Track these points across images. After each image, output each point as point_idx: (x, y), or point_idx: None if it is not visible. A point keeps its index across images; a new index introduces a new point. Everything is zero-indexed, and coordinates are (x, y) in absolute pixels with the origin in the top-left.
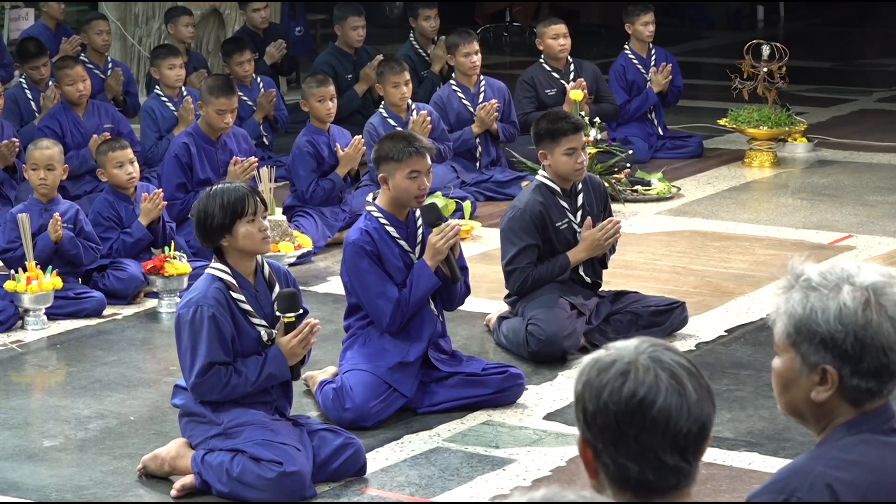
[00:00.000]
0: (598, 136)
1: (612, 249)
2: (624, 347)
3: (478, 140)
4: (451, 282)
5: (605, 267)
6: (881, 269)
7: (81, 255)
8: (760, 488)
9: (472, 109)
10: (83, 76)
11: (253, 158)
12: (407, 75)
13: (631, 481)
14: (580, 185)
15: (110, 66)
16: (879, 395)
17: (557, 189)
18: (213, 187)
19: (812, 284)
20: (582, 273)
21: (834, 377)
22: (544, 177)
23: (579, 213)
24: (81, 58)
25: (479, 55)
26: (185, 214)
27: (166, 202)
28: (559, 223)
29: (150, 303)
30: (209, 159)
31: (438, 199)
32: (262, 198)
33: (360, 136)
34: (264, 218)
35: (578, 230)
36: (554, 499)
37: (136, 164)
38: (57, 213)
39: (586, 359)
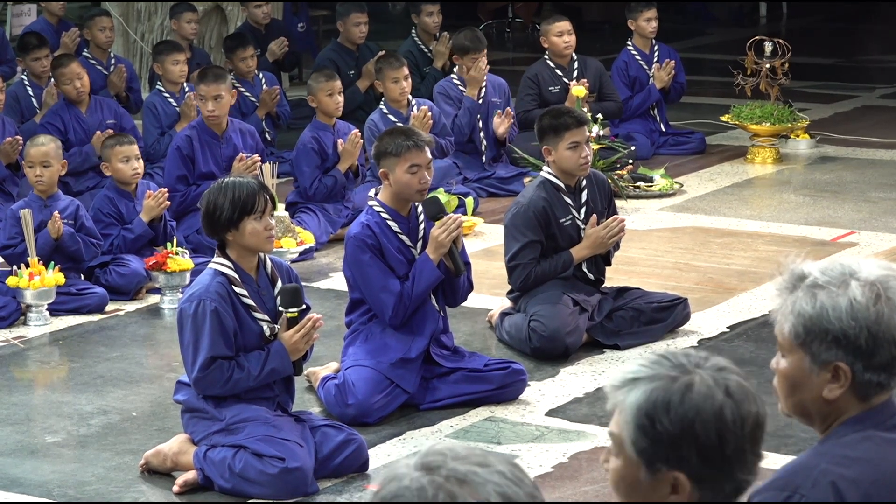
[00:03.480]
0: (601, 133)
1: (616, 247)
2: (666, 365)
3: (482, 134)
4: (455, 275)
5: (609, 264)
6: (880, 262)
7: (82, 250)
8: (764, 485)
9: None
10: (79, 73)
11: (256, 156)
12: (406, 70)
13: (739, 493)
14: (584, 182)
15: (113, 62)
16: (886, 389)
17: (561, 185)
18: (225, 180)
19: (818, 283)
20: (585, 269)
21: (847, 373)
22: (548, 173)
23: (583, 210)
24: (84, 53)
25: (487, 66)
26: (185, 208)
27: (168, 202)
28: (563, 219)
29: (153, 299)
30: (212, 154)
31: (441, 195)
32: (273, 196)
33: (358, 130)
34: (271, 217)
35: (582, 227)
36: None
37: (140, 160)
38: (56, 212)
39: (647, 394)
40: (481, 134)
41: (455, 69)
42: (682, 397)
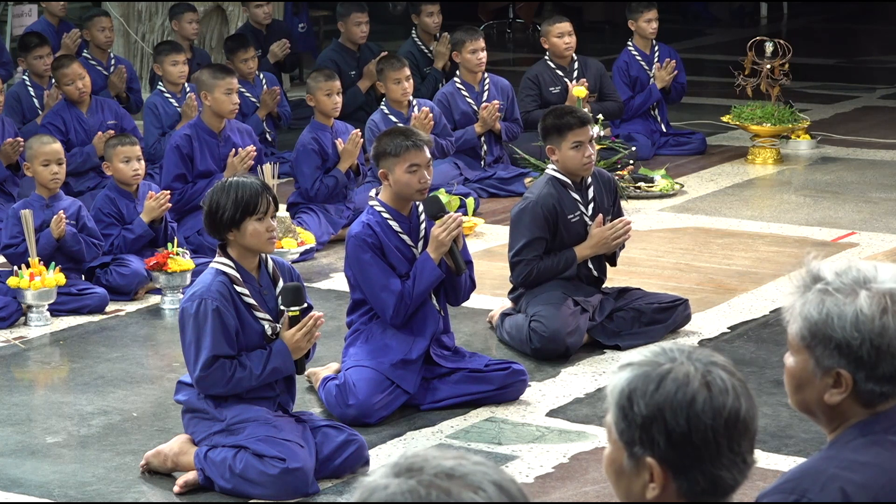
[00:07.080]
0: (602, 133)
1: (621, 247)
2: (660, 354)
3: (482, 138)
4: (456, 274)
5: (614, 264)
6: None
7: (84, 250)
8: (771, 487)
9: (476, 108)
10: (80, 73)
11: (251, 147)
12: (407, 71)
13: (717, 490)
14: (590, 179)
15: (113, 62)
16: (892, 397)
17: (569, 182)
18: (228, 180)
19: (829, 289)
20: (590, 266)
21: (848, 381)
22: (554, 170)
23: (590, 206)
24: (84, 54)
25: (485, 52)
26: (183, 205)
27: (168, 193)
28: (571, 216)
29: (153, 299)
30: (211, 152)
31: (442, 196)
32: (275, 197)
33: (358, 129)
34: (273, 218)
35: (590, 223)
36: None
37: (142, 161)
38: (61, 210)
39: (630, 379)
40: (481, 138)
41: (458, 72)
42: (659, 383)
